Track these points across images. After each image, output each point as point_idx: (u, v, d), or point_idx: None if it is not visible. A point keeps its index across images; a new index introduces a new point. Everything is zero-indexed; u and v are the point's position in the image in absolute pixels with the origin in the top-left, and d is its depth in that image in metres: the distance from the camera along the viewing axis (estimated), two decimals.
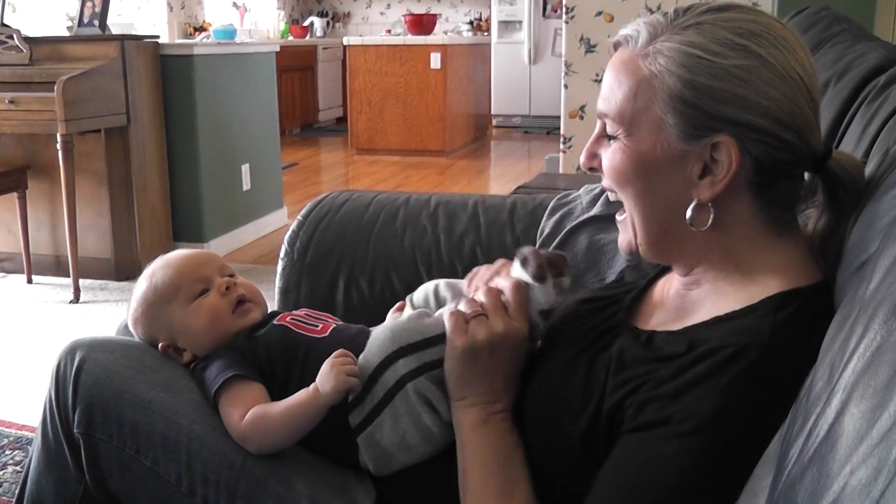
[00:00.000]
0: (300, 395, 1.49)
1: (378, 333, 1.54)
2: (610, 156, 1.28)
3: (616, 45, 1.30)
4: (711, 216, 1.23)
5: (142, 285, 1.72)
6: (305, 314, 1.69)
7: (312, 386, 1.48)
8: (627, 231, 1.33)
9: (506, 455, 1.38)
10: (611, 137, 1.28)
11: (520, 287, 1.44)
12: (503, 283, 1.46)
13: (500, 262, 1.64)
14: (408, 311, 1.66)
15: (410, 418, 1.48)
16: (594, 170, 1.34)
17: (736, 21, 1.20)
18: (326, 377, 1.47)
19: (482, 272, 1.61)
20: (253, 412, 1.50)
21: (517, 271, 1.47)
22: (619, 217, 1.36)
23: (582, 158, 1.35)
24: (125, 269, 5.37)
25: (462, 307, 1.45)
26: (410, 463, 1.51)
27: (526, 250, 1.48)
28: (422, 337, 1.50)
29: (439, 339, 1.47)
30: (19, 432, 3.34)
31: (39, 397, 1.67)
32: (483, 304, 1.44)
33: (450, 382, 1.45)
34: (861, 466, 0.67)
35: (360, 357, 1.52)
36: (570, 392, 1.30)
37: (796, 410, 0.93)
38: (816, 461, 0.76)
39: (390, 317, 1.69)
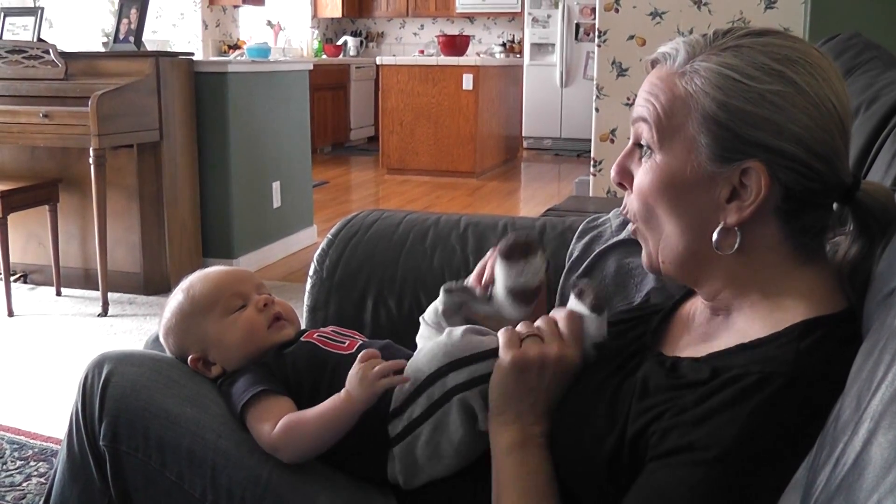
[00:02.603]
0: (333, 401, 1.49)
1: (431, 346, 1.52)
2: (640, 176, 1.28)
3: (654, 63, 1.30)
4: (738, 240, 1.22)
5: (178, 297, 1.73)
6: (333, 331, 1.70)
7: (343, 391, 1.49)
8: (647, 246, 1.33)
9: (544, 483, 1.36)
10: (642, 148, 1.28)
11: (575, 317, 1.42)
12: (559, 314, 1.44)
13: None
14: (422, 331, 1.66)
15: (448, 431, 1.48)
16: (623, 186, 1.34)
17: (774, 46, 1.20)
18: (357, 382, 1.47)
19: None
20: (285, 420, 1.50)
21: (573, 303, 1.45)
22: (640, 237, 1.36)
23: (612, 172, 1.35)
24: (154, 284, 5.39)
25: (519, 328, 1.43)
26: (436, 476, 1.50)
27: (583, 283, 1.46)
28: (474, 351, 1.49)
29: (491, 353, 1.45)
30: (44, 444, 3.35)
31: (65, 410, 1.68)
32: (540, 328, 1.42)
33: (492, 395, 1.42)
34: (888, 496, 0.67)
35: (408, 366, 1.52)
36: (595, 417, 1.29)
37: (823, 438, 0.92)
38: (843, 490, 0.75)
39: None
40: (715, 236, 1.23)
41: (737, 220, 1.21)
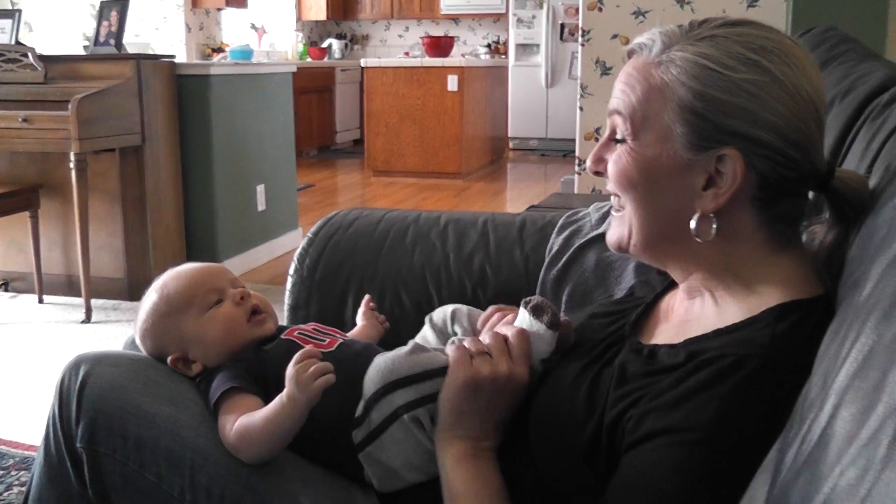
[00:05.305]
0: (276, 403, 1.46)
1: (378, 362, 1.51)
2: (616, 158, 1.30)
3: (630, 53, 1.32)
4: (714, 227, 1.23)
5: (152, 297, 1.70)
6: (314, 329, 1.68)
7: (284, 393, 1.45)
8: (622, 228, 1.33)
9: (498, 489, 1.38)
10: (618, 141, 1.29)
11: (524, 335, 1.44)
12: (507, 331, 1.46)
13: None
14: (425, 331, 1.68)
15: (411, 443, 1.47)
16: (599, 174, 1.35)
17: (749, 36, 1.22)
18: (293, 385, 1.44)
19: (496, 318, 1.61)
20: (238, 423, 1.48)
21: (524, 319, 1.47)
22: (614, 213, 1.36)
23: (588, 162, 1.37)
24: (138, 289, 5.29)
25: (467, 344, 1.45)
26: (414, 481, 1.50)
27: (537, 299, 1.48)
28: (422, 369, 1.48)
29: (438, 372, 1.46)
30: (25, 453, 3.32)
31: None
32: (490, 345, 1.44)
33: (443, 411, 1.43)
34: (850, 467, 0.68)
35: (365, 378, 1.50)
36: (574, 406, 1.30)
37: (793, 419, 0.93)
38: (809, 465, 0.76)
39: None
40: (693, 224, 1.24)
41: (713, 207, 1.22)
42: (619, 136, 1.29)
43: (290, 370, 1.46)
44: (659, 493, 1.12)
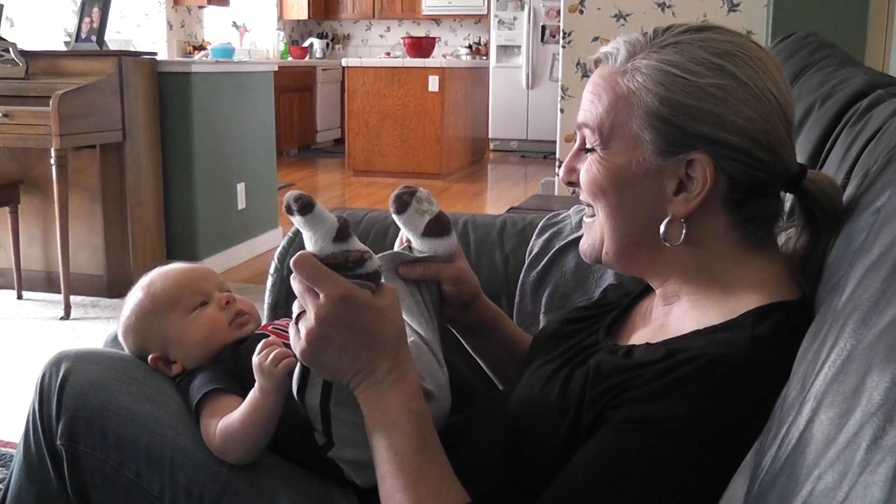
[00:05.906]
0: (250, 399, 1.45)
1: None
2: (587, 167, 1.31)
3: (596, 62, 1.33)
4: (683, 231, 1.25)
5: (137, 294, 1.70)
6: (288, 323, 1.68)
7: (256, 386, 1.44)
8: (593, 236, 1.34)
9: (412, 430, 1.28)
10: (588, 150, 1.30)
11: (302, 261, 1.26)
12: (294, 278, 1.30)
13: None
14: None
15: (359, 434, 1.37)
16: (573, 184, 1.36)
17: (713, 41, 1.24)
18: (259, 374, 1.42)
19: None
20: (220, 426, 1.48)
21: (296, 223, 1.31)
22: (586, 220, 1.38)
23: (561, 172, 1.38)
24: (118, 286, 5.35)
25: (294, 308, 1.32)
26: None
27: (287, 196, 1.30)
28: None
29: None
30: (4, 450, 3.31)
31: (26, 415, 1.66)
32: (298, 300, 1.30)
33: (335, 382, 1.35)
34: (828, 471, 0.68)
35: None
36: (548, 407, 1.29)
37: (771, 421, 0.94)
38: (787, 468, 0.77)
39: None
40: (662, 228, 1.25)
41: (684, 211, 1.24)
42: (588, 146, 1.31)
43: (254, 360, 1.44)
44: (625, 477, 1.12)
